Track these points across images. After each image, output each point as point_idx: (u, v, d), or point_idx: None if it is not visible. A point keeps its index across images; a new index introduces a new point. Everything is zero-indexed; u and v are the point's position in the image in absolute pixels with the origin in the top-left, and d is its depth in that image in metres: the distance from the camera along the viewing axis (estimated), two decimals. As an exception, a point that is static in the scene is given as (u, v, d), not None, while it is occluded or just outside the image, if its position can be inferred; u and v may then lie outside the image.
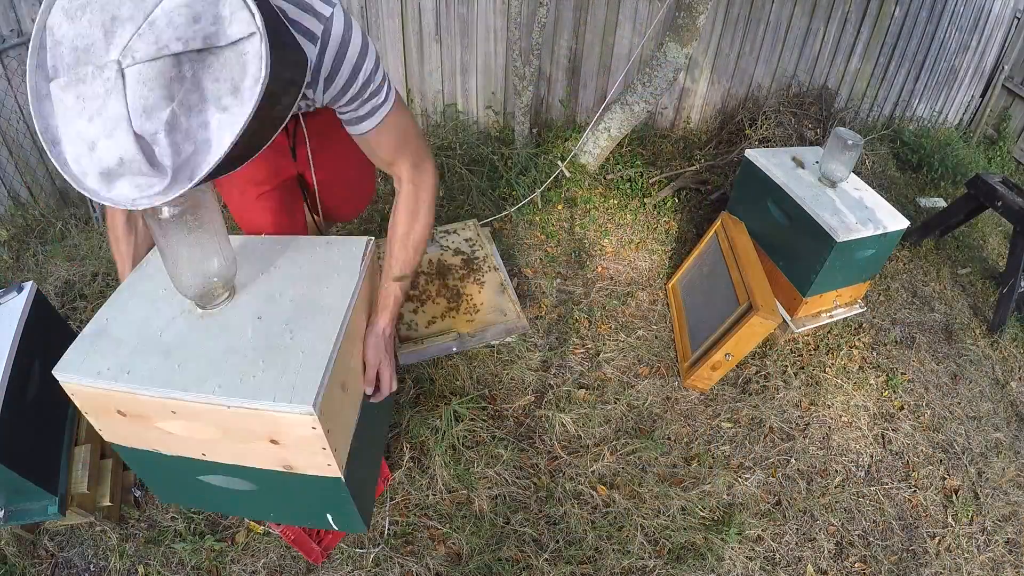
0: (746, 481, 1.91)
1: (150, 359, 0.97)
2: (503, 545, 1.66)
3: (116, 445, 1.12)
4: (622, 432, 2.00)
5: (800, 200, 2.09)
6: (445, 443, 1.84)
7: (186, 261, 0.97)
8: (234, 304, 1.08)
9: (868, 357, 2.43)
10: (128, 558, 1.56)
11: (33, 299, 1.48)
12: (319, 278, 1.14)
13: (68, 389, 0.98)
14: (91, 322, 1.03)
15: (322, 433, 0.95)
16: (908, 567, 1.80)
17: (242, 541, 1.62)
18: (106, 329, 1.02)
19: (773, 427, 2.09)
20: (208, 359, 0.97)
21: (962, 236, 3.33)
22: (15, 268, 2.34)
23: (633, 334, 2.34)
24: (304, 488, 1.11)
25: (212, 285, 1.03)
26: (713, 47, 3.47)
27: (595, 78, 3.41)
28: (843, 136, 2.08)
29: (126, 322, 1.04)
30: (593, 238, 2.79)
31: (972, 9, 3.98)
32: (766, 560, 1.74)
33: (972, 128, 4.67)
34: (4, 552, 1.54)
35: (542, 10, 2.58)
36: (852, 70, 3.90)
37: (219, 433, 1.00)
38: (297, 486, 1.10)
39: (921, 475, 2.06)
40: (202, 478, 1.15)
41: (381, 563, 1.59)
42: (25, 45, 2.26)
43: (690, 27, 2.60)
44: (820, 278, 2.09)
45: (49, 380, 1.42)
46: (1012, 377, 2.52)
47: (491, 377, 2.08)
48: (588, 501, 1.80)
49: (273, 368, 0.96)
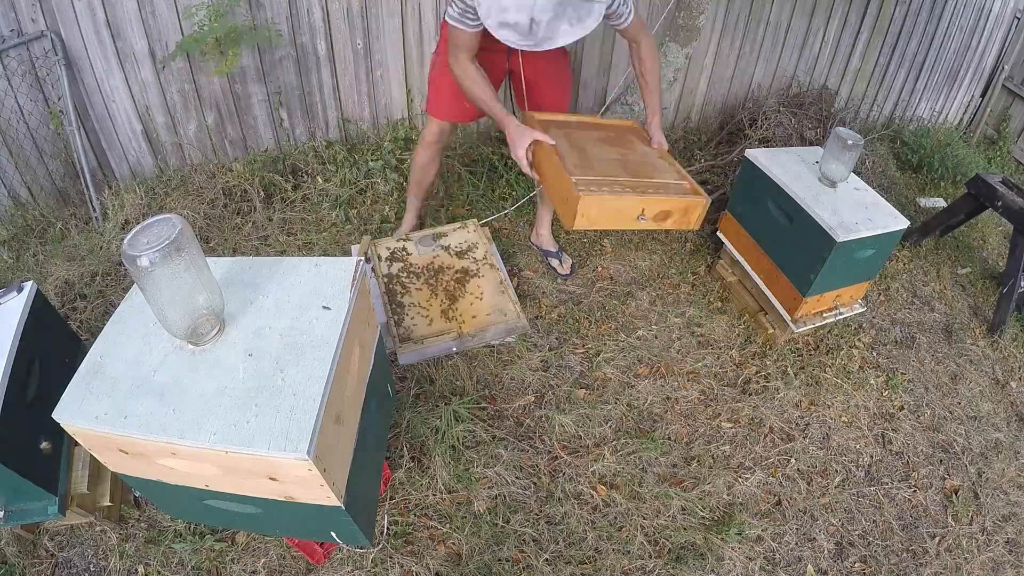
0: (746, 481, 1.91)
1: (145, 401, 0.98)
2: (503, 545, 1.66)
3: (122, 475, 1.14)
4: (622, 432, 2.00)
5: (800, 200, 2.09)
6: (445, 443, 1.84)
7: (170, 302, 0.97)
8: (224, 339, 1.08)
9: (868, 357, 2.43)
10: (128, 558, 1.56)
11: (33, 299, 1.48)
12: (306, 308, 1.13)
13: (70, 431, 0.99)
14: (86, 359, 1.04)
15: (318, 473, 0.96)
16: (908, 567, 1.80)
17: (242, 541, 1.61)
18: (101, 368, 1.03)
19: (773, 427, 2.09)
20: (203, 402, 0.98)
21: (962, 236, 3.33)
22: (15, 268, 2.34)
23: (633, 334, 2.34)
24: (307, 512, 1.13)
25: (200, 321, 1.03)
26: (713, 47, 3.47)
27: (595, 78, 3.40)
28: (843, 136, 2.08)
29: (120, 359, 1.04)
30: (593, 238, 2.79)
31: (972, 9, 3.98)
32: (766, 560, 1.74)
33: (972, 128, 4.67)
34: (4, 552, 1.54)
35: (542, 10, 2.57)
36: (852, 70, 3.90)
37: (219, 471, 1.01)
38: (300, 511, 1.12)
39: (921, 475, 2.06)
40: (208, 502, 1.16)
41: (381, 563, 1.59)
42: (25, 45, 2.26)
43: (690, 27, 2.60)
44: (820, 278, 2.09)
45: (49, 380, 1.42)
46: (1012, 377, 2.52)
47: (491, 377, 2.08)
48: (588, 501, 1.80)
49: (267, 412, 0.96)
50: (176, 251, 0.91)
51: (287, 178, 2.76)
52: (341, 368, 1.08)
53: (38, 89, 2.36)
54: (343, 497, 1.08)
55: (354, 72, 2.87)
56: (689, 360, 2.28)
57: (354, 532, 1.21)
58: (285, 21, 2.60)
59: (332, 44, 2.75)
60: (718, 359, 2.30)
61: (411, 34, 2.87)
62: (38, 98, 2.38)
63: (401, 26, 2.83)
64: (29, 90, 2.35)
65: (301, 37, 2.68)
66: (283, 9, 2.56)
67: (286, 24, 2.61)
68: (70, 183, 2.61)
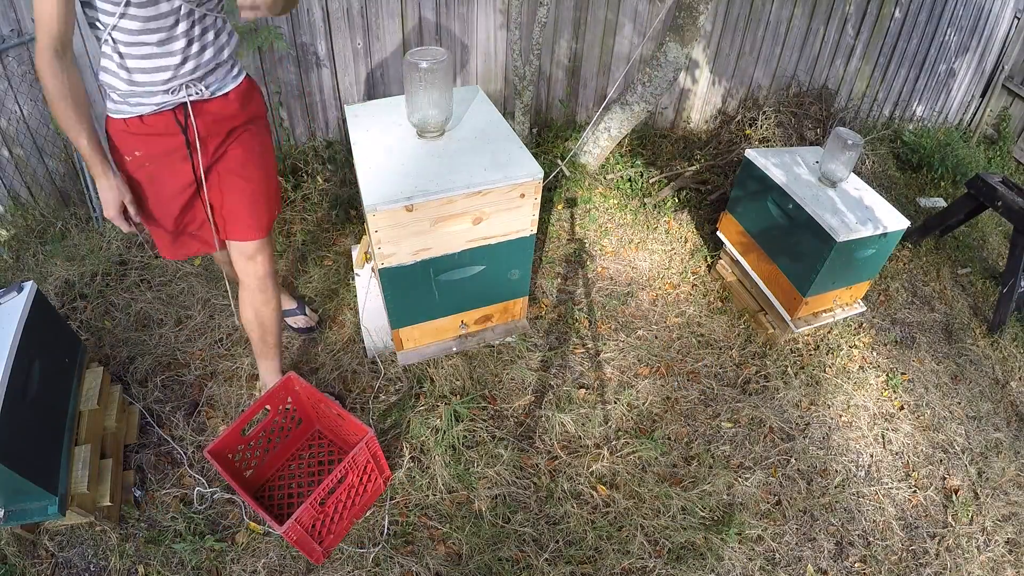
0: (746, 481, 1.91)
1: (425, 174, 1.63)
2: (503, 545, 1.66)
3: (386, 268, 1.68)
4: (622, 432, 2.00)
5: (800, 200, 2.09)
6: (445, 443, 1.84)
7: (435, 101, 1.68)
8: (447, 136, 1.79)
9: (868, 357, 2.43)
10: (128, 558, 1.56)
11: (33, 299, 1.48)
12: None
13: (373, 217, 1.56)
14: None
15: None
16: (908, 567, 1.80)
17: (242, 541, 1.62)
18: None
19: (773, 427, 2.09)
20: (454, 167, 1.66)
21: (962, 236, 3.33)
22: (15, 268, 2.34)
23: (633, 334, 2.34)
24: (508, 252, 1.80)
25: (435, 123, 1.74)
26: (713, 47, 3.47)
27: (595, 78, 3.41)
28: (843, 136, 2.08)
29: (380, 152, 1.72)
30: (593, 238, 2.79)
31: (972, 9, 3.98)
32: (766, 560, 1.74)
33: (972, 128, 4.67)
34: (4, 552, 1.54)
35: (542, 10, 2.58)
36: (852, 70, 3.90)
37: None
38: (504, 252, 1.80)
39: (921, 475, 2.06)
40: (441, 277, 1.76)
41: (381, 563, 1.59)
42: (25, 45, 2.26)
43: (691, 27, 2.60)
44: (820, 278, 2.09)
45: (49, 380, 1.42)
46: (1012, 377, 2.52)
47: (491, 377, 2.08)
48: (588, 501, 1.80)
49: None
50: (446, 65, 1.61)
51: (287, 178, 2.76)
52: None
53: (38, 89, 2.36)
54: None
55: (354, 72, 2.87)
56: (689, 360, 2.28)
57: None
58: (285, 21, 2.60)
59: (332, 44, 2.75)
60: (718, 359, 2.30)
61: (411, 34, 2.87)
62: (38, 98, 2.38)
63: (401, 26, 2.83)
64: (29, 90, 2.35)
65: (301, 37, 2.68)
66: (283, 9, 2.56)
67: (286, 24, 2.61)
68: (70, 183, 2.61)
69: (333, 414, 1.67)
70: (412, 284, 1.77)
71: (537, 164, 1.70)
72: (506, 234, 1.78)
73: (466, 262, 1.80)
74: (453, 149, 1.75)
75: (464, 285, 1.86)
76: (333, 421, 1.72)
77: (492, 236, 1.76)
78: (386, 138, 1.78)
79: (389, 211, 1.55)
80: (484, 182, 1.62)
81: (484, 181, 1.62)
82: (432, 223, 1.63)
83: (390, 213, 1.56)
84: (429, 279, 1.78)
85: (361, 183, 1.62)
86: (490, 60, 3.15)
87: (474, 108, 1.96)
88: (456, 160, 1.70)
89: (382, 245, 1.63)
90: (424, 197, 1.56)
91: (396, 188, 1.58)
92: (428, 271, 1.76)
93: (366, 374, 2.05)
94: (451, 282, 1.83)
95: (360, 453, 1.51)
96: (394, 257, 1.68)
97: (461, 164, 1.68)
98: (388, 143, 1.75)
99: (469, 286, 1.87)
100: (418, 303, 1.86)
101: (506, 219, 1.73)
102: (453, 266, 1.78)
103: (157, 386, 1.95)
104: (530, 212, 1.75)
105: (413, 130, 1.78)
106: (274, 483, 1.73)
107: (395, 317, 1.87)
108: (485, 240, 1.76)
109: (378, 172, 1.64)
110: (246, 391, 1.96)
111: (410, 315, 1.89)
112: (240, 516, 1.67)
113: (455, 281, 1.83)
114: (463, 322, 2.00)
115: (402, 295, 1.80)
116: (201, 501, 1.69)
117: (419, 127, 1.76)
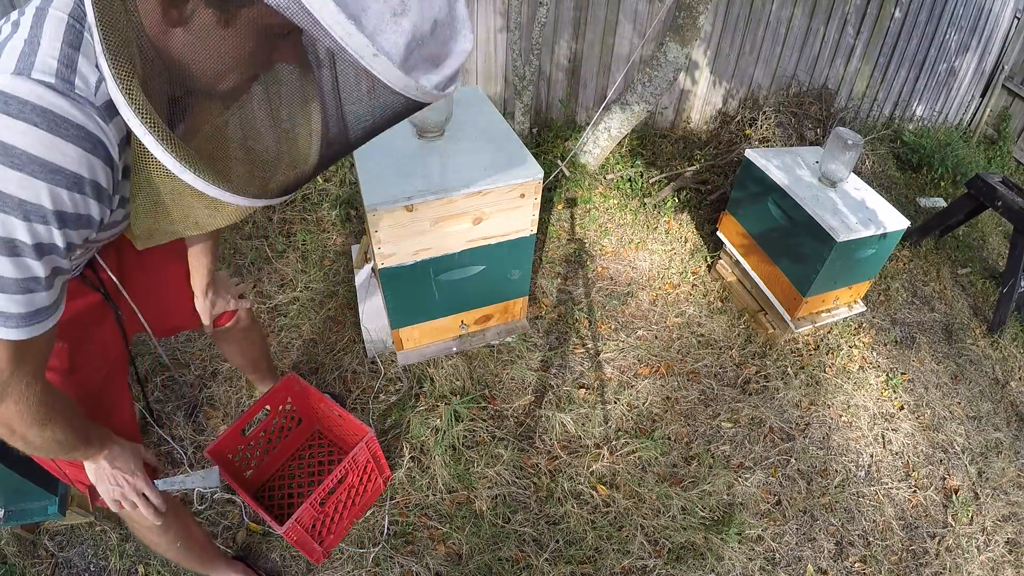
0: (746, 481, 1.91)
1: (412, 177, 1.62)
2: (503, 545, 1.66)
3: (386, 269, 1.67)
4: (622, 432, 2.00)
5: (800, 200, 2.09)
6: (445, 443, 1.84)
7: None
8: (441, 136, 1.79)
9: (868, 357, 2.43)
10: (128, 558, 1.56)
11: (33, 299, 1.48)
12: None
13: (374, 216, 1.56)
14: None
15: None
16: (908, 567, 1.80)
17: (242, 541, 1.62)
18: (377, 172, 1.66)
19: (773, 427, 2.09)
20: (454, 167, 1.66)
21: (962, 236, 3.33)
22: (15, 268, 2.33)
23: (633, 334, 2.34)
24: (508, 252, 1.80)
25: (434, 123, 1.75)
26: (713, 47, 3.47)
27: (595, 78, 3.41)
28: (843, 136, 2.08)
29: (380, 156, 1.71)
30: (593, 238, 2.79)
31: (972, 9, 3.98)
32: (766, 560, 1.74)
33: (972, 128, 4.67)
34: (4, 552, 1.54)
35: (542, 10, 2.58)
36: (852, 70, 3.90)
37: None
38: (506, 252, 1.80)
39: (921, 475, 2.06)
40: (441, 277, 1.75)
41: (381, 563, 1.59)
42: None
43: (690, 27, 2.60)
44: (820, 278, 2.09)
45: (49, 380, 1.40)
46: (1012, 377, 2.52)
47: (491, 377, 2.08)
48: (588, 501, 1.80)
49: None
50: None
51: (287, 178, 2.75)
52: None
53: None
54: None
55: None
56: (689, 360, 2.28)
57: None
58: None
59: (332, 44, 2.75)
60: (718, 359, 2.30)
61: (411, 34, 2.87)
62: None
63: (401, 26, 2.83)
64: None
65: (301, 37, 2.67)
66: (283, 9, 2.55)
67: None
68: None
69: (333, 414, 1.67)
70: (412, 284, 1.77)
71: (537, 164, 1.70)
72: (506, 234, 1.78)
73: (466, 262, 1.80)
74: (453, 149, 1.75)
75: (464, 285, 1.86)
76: (333, 421, 1.72)
77: (492, 236, 1.76)
78: (386, 138, 1.77)
79: (389, 211, 1.55)
80: (484, 182, 1.62)
81: (484, 181, 1.62)
82: (432, 223, 1.63)
83: (390, 213, 1.56)
84: (429, 279, 1.78)
85: (361, 183, 1.62)
86: (490, 60, 3.15)
87: (474, 108, 1.96)
88: (456, 160, 1.70)
89: (382, 245, 1.63)
90: (424, 197, 1.56)
91: (396, 188, 1.58)
92: (428, 271, 1.76)
93: (366, 374, 2.05)
94: (451, 282, 1.83)
95: (360, 453, 1.51)
96: (394, 257, 1.67)
97: (461, 164, 1.68)
98: (388, 143, 1.75)
99: (469, 286, 1.87)
100: (418, 303, 1.85)
101: (506, 219, 1.73)
102: (453, 266, 1.78)
103: (157, 386, 1.95)
104: (530, 212, 1.75)
105: (413, 130, 1.78)
106: (274, 483, 1.73)
107: (395, 317, 1.87)
108: (485, 240, 1.76)
109: (378, 172, 1.64)
110: (246, 391, 1.96)
111: (410, 315, 1.89)
112: (240, 516, 1.67)
113: (455, 281, 1.83)
114: (463, 322, 2.00)
115: (402, 295, 1.80)
116: (201, 501, 1.69)
117: (419, 127, 1.76)
